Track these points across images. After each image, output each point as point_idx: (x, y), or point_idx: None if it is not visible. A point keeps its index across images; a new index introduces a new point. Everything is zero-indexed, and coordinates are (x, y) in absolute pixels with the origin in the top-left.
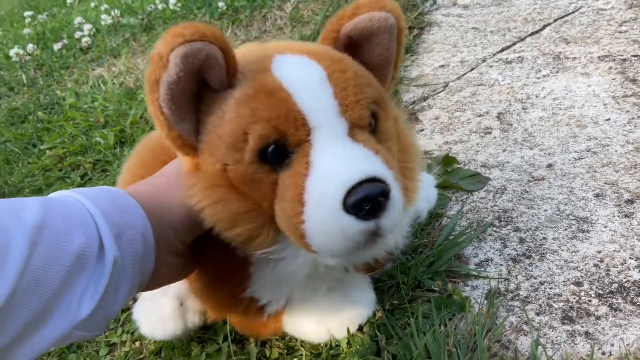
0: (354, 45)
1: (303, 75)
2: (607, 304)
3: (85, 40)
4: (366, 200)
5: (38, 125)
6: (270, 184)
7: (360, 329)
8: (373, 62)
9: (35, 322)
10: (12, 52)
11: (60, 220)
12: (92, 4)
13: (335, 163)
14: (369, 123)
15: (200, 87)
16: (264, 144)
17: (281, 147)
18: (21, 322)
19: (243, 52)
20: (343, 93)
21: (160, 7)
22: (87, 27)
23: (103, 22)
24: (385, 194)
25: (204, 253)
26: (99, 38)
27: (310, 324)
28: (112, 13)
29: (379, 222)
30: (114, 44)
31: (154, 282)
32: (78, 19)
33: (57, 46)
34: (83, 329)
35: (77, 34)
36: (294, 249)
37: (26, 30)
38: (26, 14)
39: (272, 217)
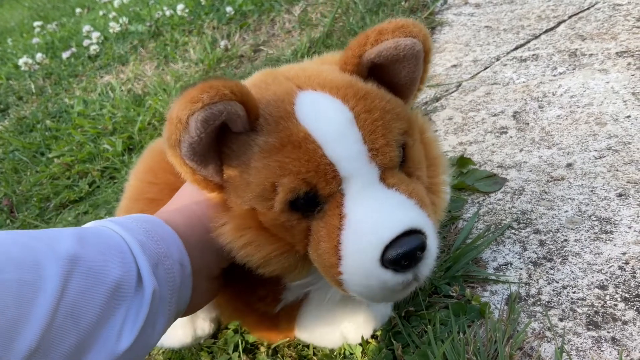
0: (377, 67)
1: (329, 121)
2: (634, 308)
3: (94, 48)
4: (405, 257)
5: (46, 133)
6: (302, 231)
7: (375, 336)
8: (398, 82)
9: (74, 357)
10: (21, 62)
11: (96, 251)
12: (101, 13)
13: (370, 216)
14: (399, 161)
15: (223, 131)
16: (294, 195)
17: (312, 198)
18: (60, 357)
19: (259, 86)
20: (372, 137)
21: (168, 13)
22: (96, 35)
23: (111, 30)
24: (423, 247)
25: (235, 272)
26: (107, 46)
27: (323, 327)
28: (120, 21)
29: (417, 272)
30: (122, 51)
31: (190, 308)
32: (86, 27)
33: (65, 55)
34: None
35: (86, 42)
36: (327, 281)
37: (35, 40)
38: (35, 24)
39: (305, 254)
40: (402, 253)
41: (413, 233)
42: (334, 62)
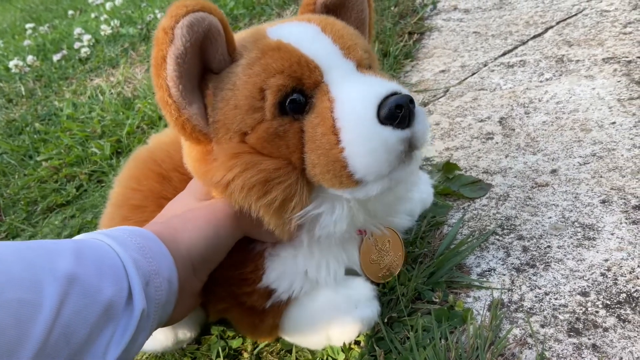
0: (329, 13)
1: (299, 32)
2: (615, 315)
3: (85, 51)
4: (398, 107)
5: (35, 136)
6: (296, 134)
7: (357, 342)
8: (350, 25)
9: None
10: (11, 64)
11: (92, 269)
12: (93, 15)
13: (358, 89)
14: (367, 65)
15: (204, 73)
16: (282, 94)
17: (299, 94)
18: None
19: (239, 35)
20: (340, 40)
21: (159, 16)
22: (87, 37)
23: (102, 33)
24: (412, 100)
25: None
26: (98, 48)
27: (309, 326)
28: (112, 23)
29: (414, 130)
30: (113, 54)
31: (168, 322)
32: (78, 30)
33: (56, 57)
34: None
35: (77, 45)
36: (329, 203)
37: (27, 42)
38: (27, 26)
39: (303, 173)
40: (395, 104)
41: (399, 94)
42: None
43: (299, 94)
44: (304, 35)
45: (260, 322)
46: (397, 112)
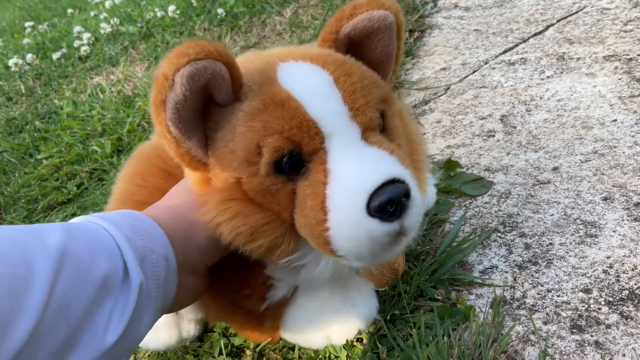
0: (353, 44)
1: (310, 83)
2: (618, 311)
3: (84, 49)
4: (390, 203)
5: (35, 134)
6: (288, 195)
7: (360, 340)
8: (375, 59)
9: (63, 351)
10: (11, 62)
11: (84, 245)
12: (92, 13)
13: (354, 168)
14: (378, 124)
15: (207, 103)
16: (278, 156)
17: (296, 157)
18: (49, 353)
19: (244, 62)
20: (352, 97)
21: (159, 14)
22: (86, 35)
23: (102, 31)
24: (407, 194)
25: (220, 269)
26: (97, 47)
27: (307, 327)
28: (112, 21)
29: (403, 222)
30: (113, 52)
31: (175, 305)
32: (77, 28)
33: (56, 55)
34: (109, 356)
35: (76, 43)
36: (315, 254)
37: (26, 40)
38: (27, 24)
39: (292, 225)
40: (387, 198)
41: (396, 182)
42: (311, 47)
43: (296, 157)
44: (314, 88)
45: (260, 325)
46: (387, 208)
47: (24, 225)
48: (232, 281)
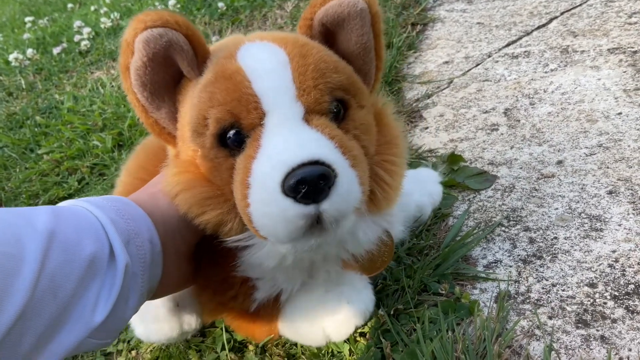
0: (329, 34)
1: (263, 60)
2: (624, 306)
3: (85, 44)
4: (303, 183)
5: (36, 129)
6: (228, 169)
7: (363, 335)
8: (351, 51)
9: (52, 330)
10: (11, 57)
11: (71, 227)
12: (92, 8)
13: (280, 145)
14: (331, 109)
15: (178, 77)
16: (220, 128)
17: (238, 132)
18: (39, 330)
19: (221, 42)
20: (301, 77)
21: (160, 8)
22: (87, 30)
23: (102, 26)
24: (325, 177)
25: (203, 269)
26: (98, 41)
27: (305, 325)
28: (112, 16)
29: (321, 208)
30: (113, 47)
31: (161, 289)
32: (78, 23)
33: (56, 50)
34: (96, 337)
35: (77, 38)
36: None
37: (26, 35)
38: (27, 19)
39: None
40: (299, 177)
41: (319, 165)
42: None
43: (238, 131)
44: (265, 65)
45: (255, 325)
46: (299, 187)
47: (13, 208)
48: (215, 281)
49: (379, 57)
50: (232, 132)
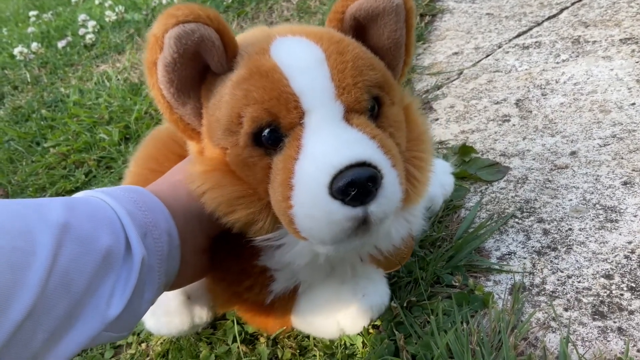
0: (360, 28)
1: (300, 57)
2: None
3: (90, 37)
4: (352, 185)
5: (42, 123)
6: (263, 169)
7: (376, 327)
8: (382, 46)
9: (65, 325)
10: (16, 51)
11: (85, 219)
12: (97, 1)
13: (324, 146)
14: (368, 107)
15: (204, 72)
16: (257, 127)
17: (275, 131)
18: (51, 326)
19: (246, 34)
20: (340, 75)
21: (164, 1)
22: (91, 24)
23: (107, 19)
24: (374, 179)
25: (222, 260)
26: (103, 35)
27: (319, 318)
28: (117, 9)
29: (368, 210)
30: (118, 40)
31: (177, 282)
32: (82, 16)
33: (61, 44)
34: (111, 330)
35: (81, 31)
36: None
37: (30, 29)
38: (31, 13)
39: (269, 202)
40: (349, 180)
41: (366, 166)
42: None
43: (275, 130)
44: (302, 62)
45: (269, 317)
46: (349, 190)
47: (26, 200)
48: (232, 271)
49: (407, 52)
50: (267, 131)
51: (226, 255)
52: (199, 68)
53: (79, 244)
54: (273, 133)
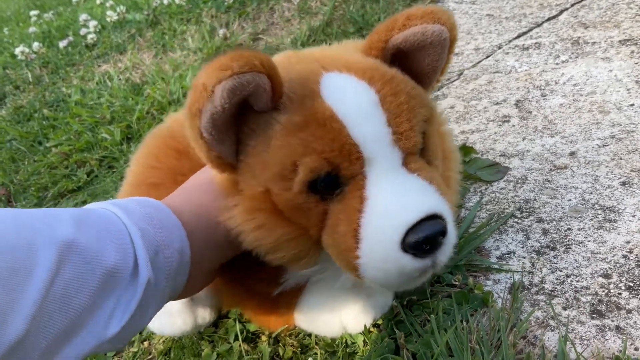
0: (401, 55)
1: (355, 101)
2: (639, 296)
3: (91, 37)
4: (426, 242)
5: (44, 122)
6: (319, 214)
7: (377, 325)
8: (421, 71)
9: (60, 341)
10: (17, 51)
11: (93, 235)
12: (98, 1)
13: (393, 200)
14: (421, 147)
15: (243, 108)
16: (315, 176)
17: (333, 178)
18: (46, 344)
19: (284, 65)
20: (397, 120)
21: (166, 2)
22: (93, 23)
23: (108, 19)
24: (444, 232)
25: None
26: (104, 34)
27: (322, 316)
28: (118, 9)
29: (436, 259)
30: (120, 40)
31: (183, 294)
32: (83, 16)
33: (62, 44)
34: (108, 345)
35: (83, 31)
36: (335, 269)
37: (32, 29)
38: (32, 13)
39: (318, 240)
40: (424, 237)
41: (434, 218)
42: (355, 49)
43: (333, 180)
44: (359, 108)
45: (274, 312)
46: (423, 246)
47: (37, 210)
48: (247, 265)
49: (442, 72)
50: (324, 178)
51: (241, 262)
52: (240, 107)
53: (83, 262)
54: (330, 180)
